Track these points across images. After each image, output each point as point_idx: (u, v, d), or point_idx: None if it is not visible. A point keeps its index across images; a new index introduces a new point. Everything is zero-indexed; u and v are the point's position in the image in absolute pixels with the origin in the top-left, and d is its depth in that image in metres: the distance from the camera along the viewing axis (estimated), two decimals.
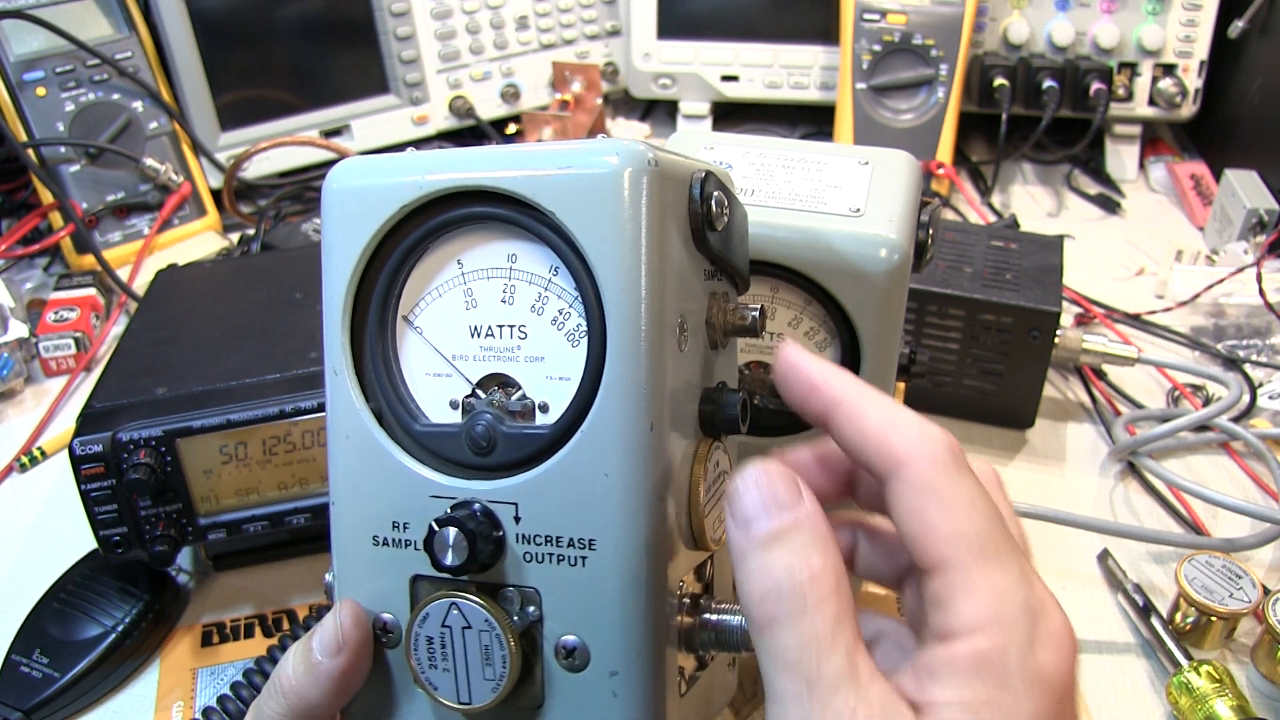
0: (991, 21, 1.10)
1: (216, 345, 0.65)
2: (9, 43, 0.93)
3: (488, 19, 1.16)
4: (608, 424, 0.34)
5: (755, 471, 0.32)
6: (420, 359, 0.38)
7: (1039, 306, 0.72)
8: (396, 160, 0.38)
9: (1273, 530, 0.63)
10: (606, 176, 0.34)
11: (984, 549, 0.30)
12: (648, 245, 0.34)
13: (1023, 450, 0.77)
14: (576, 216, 0.34)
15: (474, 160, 0.36)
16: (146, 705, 0.60)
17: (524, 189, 0.35)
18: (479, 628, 0.36)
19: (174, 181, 0.98)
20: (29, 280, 0.98)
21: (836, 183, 0.51)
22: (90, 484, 0.57)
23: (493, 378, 0.37)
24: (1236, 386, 0.71)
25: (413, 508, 0.37)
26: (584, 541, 0.35)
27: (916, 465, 0.31)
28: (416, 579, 0.37)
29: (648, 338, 0.34)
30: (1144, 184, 1.12)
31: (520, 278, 0.36)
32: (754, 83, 1.17)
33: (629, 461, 0.34)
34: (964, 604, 0.29)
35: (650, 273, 0.34)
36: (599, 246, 0.34)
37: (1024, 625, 0.29)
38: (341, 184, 0.38)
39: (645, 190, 0.34)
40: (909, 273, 0.49)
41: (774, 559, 0.30)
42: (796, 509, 0.31)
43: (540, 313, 0.36)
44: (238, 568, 0.68)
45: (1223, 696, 0.55)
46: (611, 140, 0.35)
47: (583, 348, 0.35)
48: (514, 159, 0.36)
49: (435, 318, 0.37)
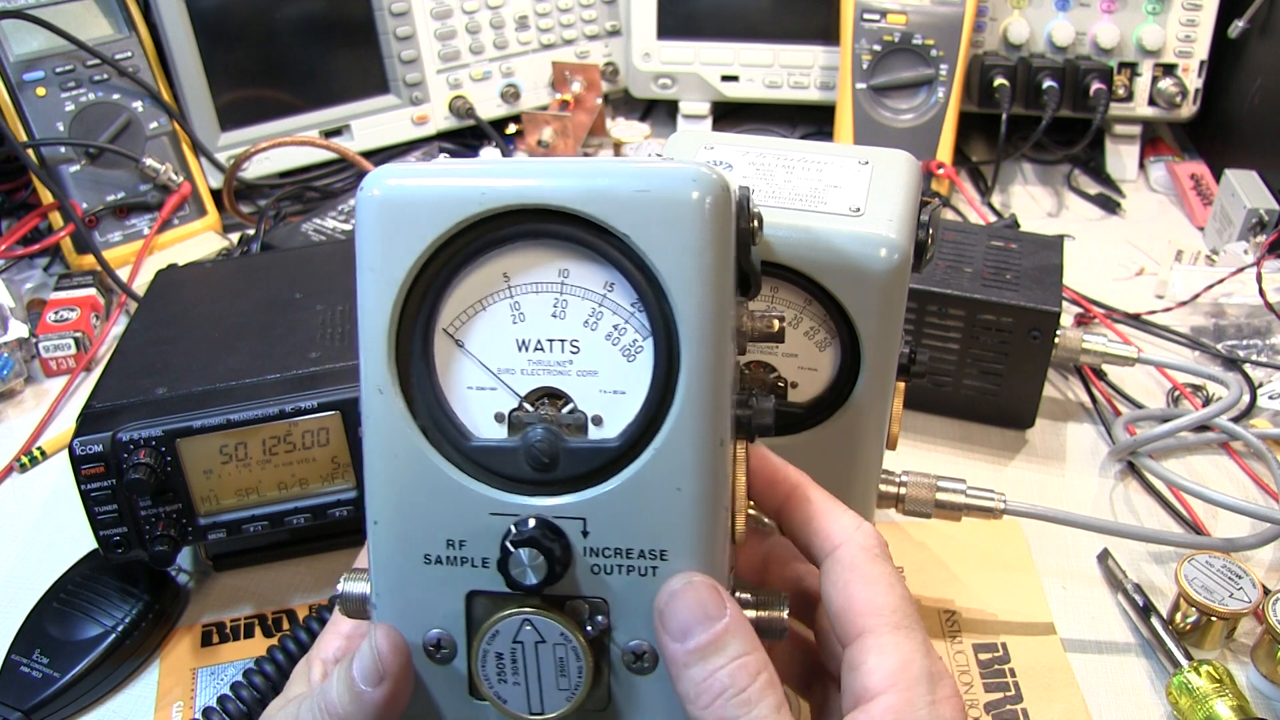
0: (991, 21, 1.10)
1: (216, 345, 0.65)
2: (9, 43, 0.93)
3: (488, 19, 1.15)
4: (683, 440, 0.35)
5: (681, 587, 0.35)
6: (462, 373, 0.36)
7: (1039, 306, 0.72)
8: (446, 169, 0.36)
9: (1273, 530, 0.63)
10: (686, 203, 0.34)
11: (897, 622, 0.35)
12: (720, 268, 0.35)
13: (1023, 450, 0.77)
14: (652, 240, 0.34)
15: (535, 173, 0.35)
16: (146, 705, 0.60)
17: (598, 211, 0.34)
18: (554, 641, 0.36)
19: (174, 181, 0.98)
20: (29, 280, 0.98)
21: (836, 183, 0.51)
22: (90, 484, 0.57)
23: (540, 390, 0.36)
24: (1236, 386, 0.71)
25: (470, 526, 0.36)
26: (655, 553, 0.36)
27: (848, 549, 0.37)
28: (473, 595, 0.37)
29: (719, 356, 0.35)
30: (1144, 184, 1.12)
31: (573, 293, 0.36)
32: (754, 83, 1.17)
33: (702, 476, 0.35)
34: (877, 664, 0.34)
35: (722, 293, 0.35)
36: (675, 270, 0.34)
37: (926, 685, 0.34)
38: (386, 192, 0.35)
39: (720, 215, 0.34)
40: (909, 273, 0.49)
41: (715, 665, 0.34)
42: (724, 615, 0.34)
43: (594, 328, 0.36)
44: (238, 568, 0.68)
45: (1223, 696, 0.55)
46: (682, 164, 0.35)
47: (639, 362, 0.35)
48: (580, 175, 0.35)
49: (479, 331, 0.36)
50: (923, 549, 0.68)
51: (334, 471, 0.61)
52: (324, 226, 0.98)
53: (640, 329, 0.35)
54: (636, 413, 0.35)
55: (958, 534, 0.68)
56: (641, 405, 0.35)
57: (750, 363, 0.52)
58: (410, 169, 0.36)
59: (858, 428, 0.52)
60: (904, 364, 0.54)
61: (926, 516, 0.61)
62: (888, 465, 0.58)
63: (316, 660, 0.42)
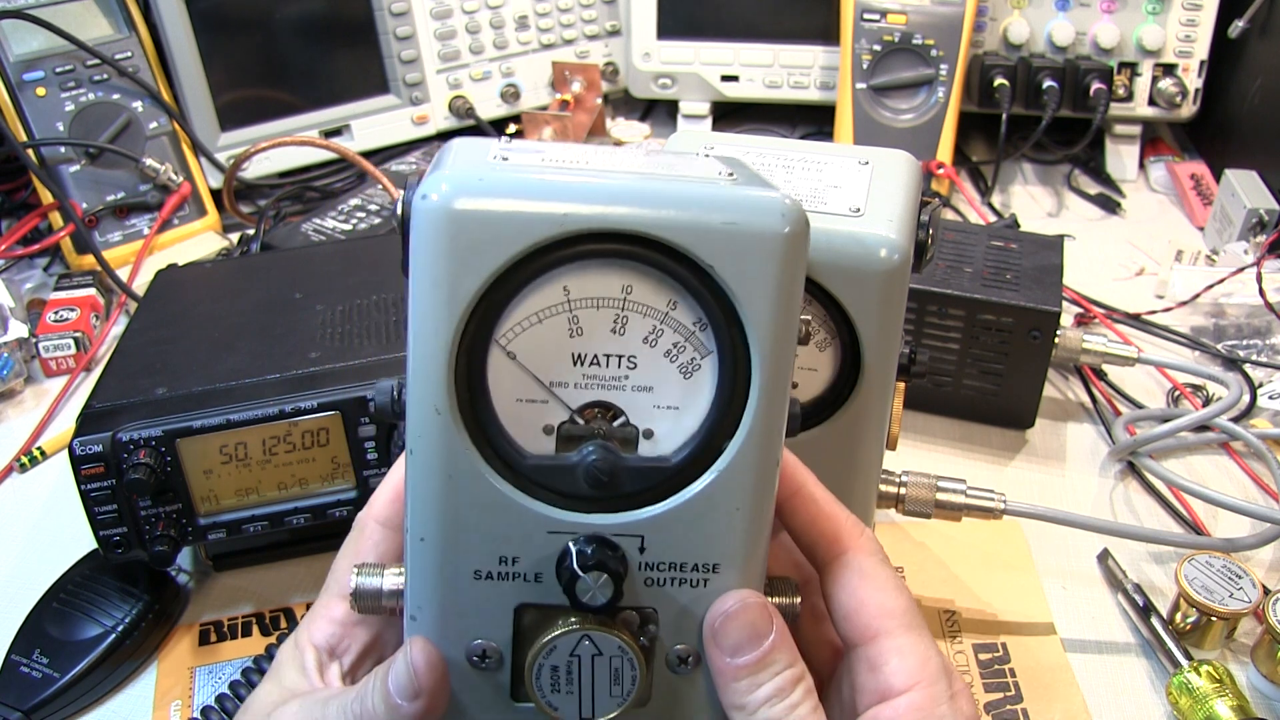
0: (991, 21, 1.10)
1: (216, 345, 0.65)
2: (9, 43, 0.93)
3: (488, 19, 1.15)
4: (747, 464, 0.35)
5: (734, 608, 0.37)
6: (512, 384, 0.35)
7: (1039, 306, 0.72)
8: (513, 178, 0.33)
9: (1273, 530, 0.63)
10: (776, 237, 0.33)
11: (909, 623, 0.37)
12: (796, 297, 0.35)
13: (1023, 450, 0.77)
14: (737, 272, 0.33)
15: (616, 195, 0.33)
16: (145, 704, 0.60)
17: (684, 241, 0.33)
18: (610, 654, 0.37)
19: (174, 181, 0.98)
20: (29, 280, 0.98)
21: (837, 183, 0.51)
22: (90, 484, 0.57)
23: (592, 404, 0.36)
24: (1236, 386, 0.71)
25: (526, 543, 0.36)
26: (708, 566, 0.36)
27: (855, 553, 0.39)
28: (522, 608, 0.37)
29: (786, 380, 0.35)
30: (1144, 184, 1.12)
31: (635, 309, 0.35)
32: (754, 83, 1.17)
33: (761, 496, 0.36)
34: (898, 665, 0.36)
35: (794, 320, 0.35)
36: (756, 302, 0.34)
37: (945, 681, 0.36)
38: (450, 205, 0.32)
39: (803, 247, 0.34)
40: (909, 273, 0.49)
41: (765, 677, 0.36)
42: (771, 634, 0.36)
43: (654, 345, 0.35)
44: (237, 568, 0.68)
45: (1223, 696, 0.55)
46: (764, 193, 0.34)
47: (696, 380, 0.35)
48: (663, 199, 0.33)
49: (533, 343, 0.35)
50: (923, 549, 0.68)
51: (334, 471, 0.61)
52: (324, 226, 0.98)
53: (700, 348, 0.35)
54: (696, 432, 0.35)
55: (958, 534, 0.68)
56: (703, 425, 0.35)
57: None
58: (474, 174, 0.33)
59: (858, 428, 0.52)
60: (904, 364, 0.54)
61: (926, 516, 0.61)
62: (888, 465, 0.58)
63: (308, 647, 0.41)
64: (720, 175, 0.35)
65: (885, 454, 0.56)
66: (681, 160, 0.37)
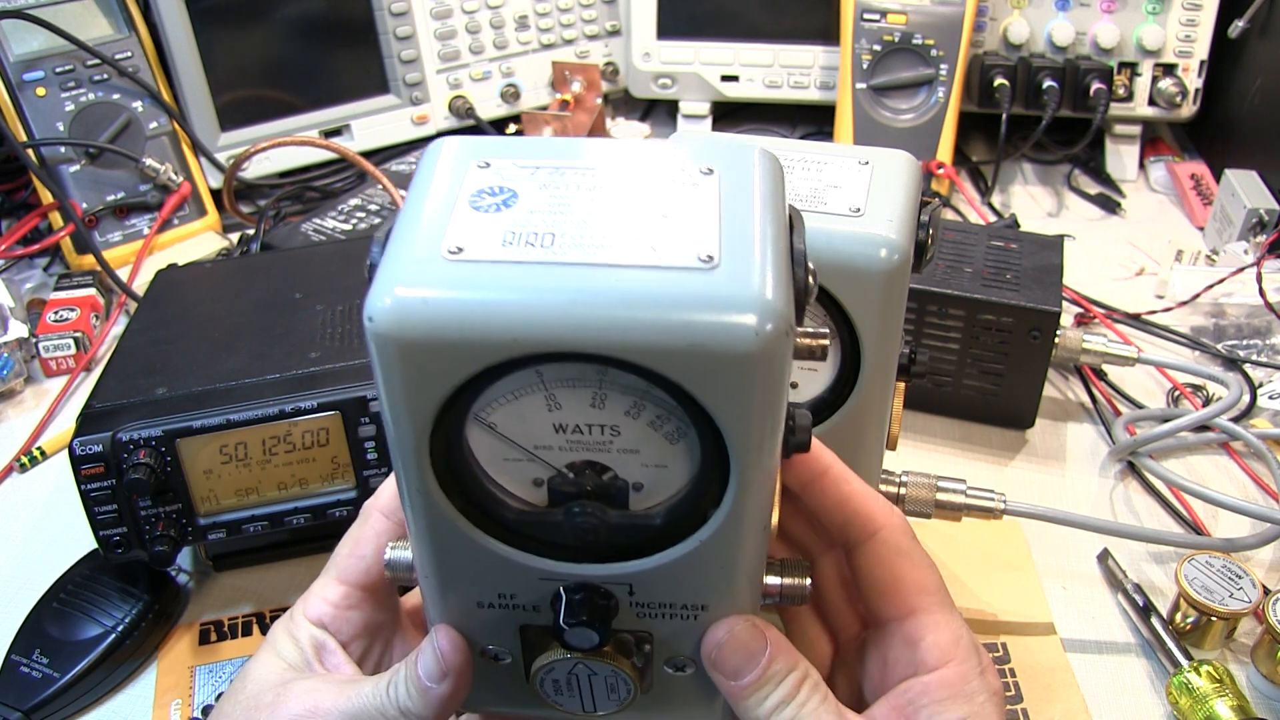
0: (991, 21, 1.10)
1: (216, 345, 0.65)
2: (9, 43, 0.93)
3: (488, 19, 1.15)
4: (732, 531, 0.35)
5: (725, 639, 0.37)
6: (497, 448, 0.35)
7: (1039, 306, 0.72)
8: (458, 300, 0.31)
9: (1273, 530, 0.63)
10: (746, 357, 0.30)
11: (943, 600, 0.39)
12: (780, 397, 0.32)
13: (1023, 450, 0.77)
14: (707, 387, 0.31)
15: (571, 305, 0.30)
16: (145, 704, 0.60)
17: (649, 363, 0.30)
18: (605, 675, 0.38)
19: (174, 181, 0.98)
20: (29, 280, 0.98)
21: (836, 183, 0.51)
22: (90, 484, 0.57)
23: (580, 462, 0.35)
24: (1236, 386, 0.71)
25: (520, 585, 0.37)
26: (698, 605, 0.37)
27: (890, 531, 0.40)
28: (526, 627, 0.39)
29: (772, 467, 0.34)
30: (1144, 184, 1.12)
31: (613, 389, 0.33)
32: (754, 83, 1.17)
33: (749, 553, 0.36)
34: (934, 640, 0.38)
35: (779, 415, 0.33)
36: (730, 411, 0.31)
37: (976, 656, 0.38)
38: (400, 329, 0.30)
39: (783, 347, 0.31)
40: (909, 273, 0.49)
41: (767, 691, 0.37)
42: (766, 648, 0.37)
43: (635, 417, 0.34)
44: (238, 568, 0.68)
45: (1223, 696, 0.55)
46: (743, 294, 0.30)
47: (683, 446, 0.34)
48: (623, 315, 0.30)
49: (512, 416, 0.34)
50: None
51: (334, 471, 0.61)
52: (324, 226, 0.98)
53: (683, 419, 0.33)
54: (680, 497, 0.35)
55: (958, 534, 0.68)
56: (685, 493, 0.35)
57: None
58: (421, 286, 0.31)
59: (858, 428, 0.52)
60: (904, 364, 0.54)
61: (926, 516, 0.61)
62: (888, 465, 0.58)
63: (304, 622, 0.42)
64: (700, 259, 0.31)
65: (885, 454, 0.56)
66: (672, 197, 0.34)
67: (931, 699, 0.37)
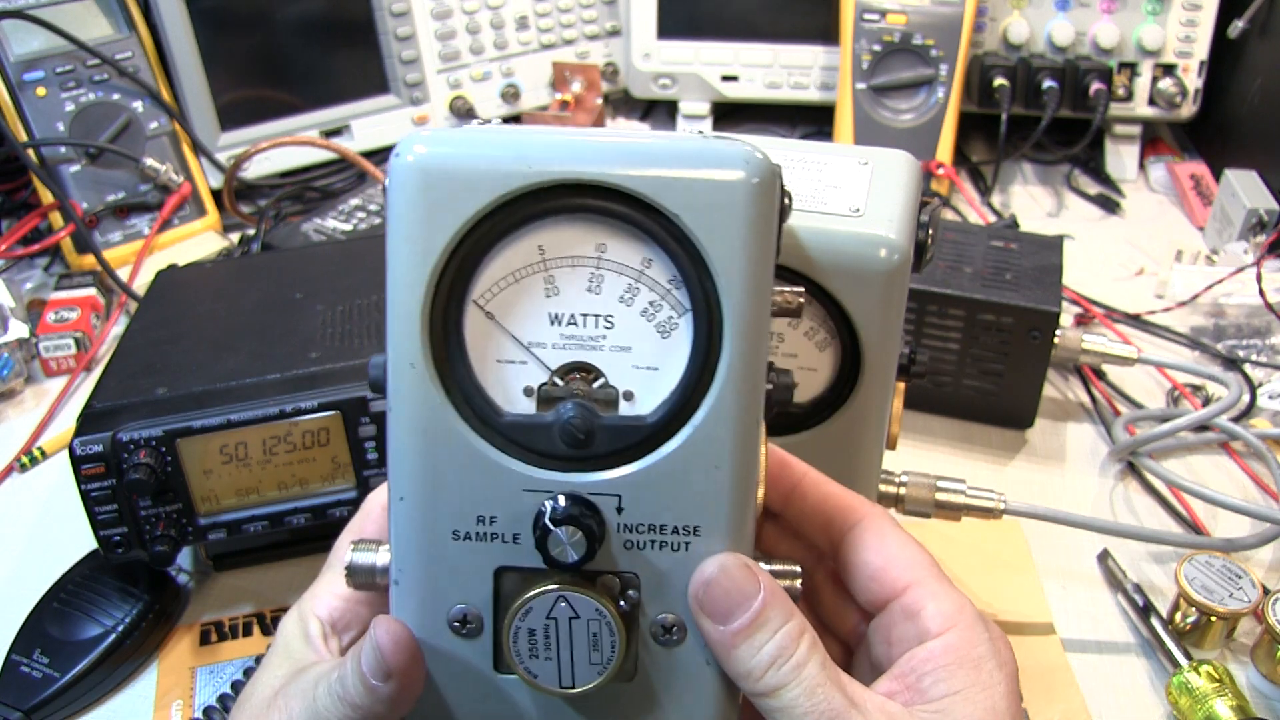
0: (991, 21, 1.10)
1: (216, 345, 0.65)
2: (9, 43, 0.93)
3: (488, 19, 1.15)
4: (723, 419, 0.35)
5: (715, 573, 0.35)
6: (491, 345, 0.36)
7: (1039, 306, 0.72)
8: (486, 137, 0.35)
9: (1273, 530, 0.63)
10: (740, 185, 0.34)
11: (938, 574, 0.38)
12: (766, 247, 0.35)
13: (1023, 450, 0.77)
14: (702, 221, 0.34)
15: (582, 150, 0.34)
16: (146, 704, 0.60)
17: (649, 190, 0.34)
18: (588, 617, 0.36)
19: (174, 181, 0.98)
20: (29, 280, 0.98)
21: (836, 183, 0.51)
22: (90, 484, 0.57)
23: (571, 365, 0.36)
24: (1236, 386, 0.71)
25: (502, 502, 0.36)
26: (689, 529, 0.36)
27: (874, 517, 0.39)
28: (501, 571, 0.37)
29: (762, 335, 0.35)
30: (1144, 184, 1.12)
31: (610, 268, 0.35)
32: (754, 83, 1.17)
33: (741, 453, 0.36)
34: (935, 609, 0.36)
35: (766, 272, 0.35)
36: (723, 252, 0.34)
37: (982, 624, 0.37)
38: (425, 160, 0.34)
39: (769, 195, 0.34)
40: (909, 273, 0.49)
41: (760, 640, 0.35)
42: (759, 592, 0.35)
43: (629, 304, 0.35)
44: (238, 568, 0.68)
45: (1223, 696, 0.55)
46: (730, 144, 0.34)
47: (674, 339, 0.35)
48: (629, 152, 0.34)
49: (510, 303, 0.36)
50: None
51: (334, 471, 0.61)
52: (324, 226, 0.98)
53: (676, 306, 0.35)
54: (673, 390, 0.35)
55: (958, 534, 0.68)
56: (679, 382, 0.35)
57: None
58: (449, 135, 0.35)
59: (858, 428, 0.52)
60: (904, 364, 0.54)
61: (926, 516, 0.61)
62: (888, 465, 0.58)
63: (312, 618, 0.41)
64: (691, 133, 0.35)
65: (885, 454, 0.56)
66: (660, 131, 0.39)
67: (936, 664, 0.35)
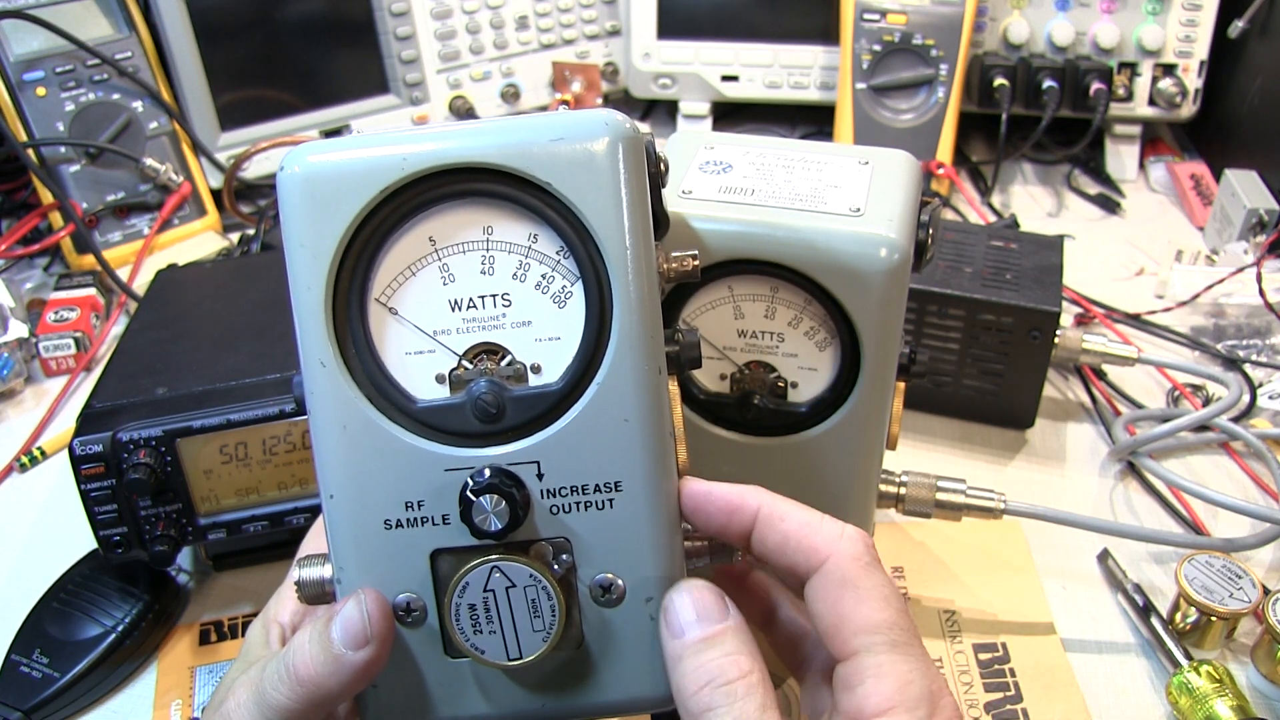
0: (991, 21, 1.10)
1: (216, 345, 0.65)
2: (9, 43, 0.93)
3: (488, 19, 1.16)
4: (623, 372, 0.36)
5: (688, 589, 0.36)
6: (397, 340, 0.38)
7: (1039, 306, 0.72)
8: (363, 140, 0.37)
9: (1273, 530, 0.63)
10: (602, 146, 0.36)
11: (894, 640, 0.34)
12: (639, 205, 0.37)
13: (1023, 450, 0.77)
14: (574, 185, 0.36)
15: (452, 135, 0.37)
16: (145, 704, 0.60)
17: (518, 163, 0.36)
18: (524, 584, 0.37)
19: (174, 181, 0.98)
20: (29, 280, 0.98)
21: (836, 183, 0.51)
22: (90, 484, 0.57)
23: (477, 347, 0.38)
24: (1236, 386, 0.71)
25: (427, 485, 0.37)
26: (610, 485, 0.37)
27: (836, 561, 0.36)
28: (436, 554, 0.38)
29: (648, 289, 0.37)
30: (1144, 184, 1.12)
31: (499, 248, 0.37)
32: (754, 83, 1.17)
33: (646, 403, 0.37)
34: (873, 688, 0.33)
35: (644, 228, 0.37)
36: (598, 211, 0.36)
37: (925, 708, 0.33)
38: (308, 169, 0.37)
39: (634, 155, 0.37)
40: (909, 273, 0.49)
41: (708, 658, 0.34)
42: (725, 620, 0.35)
43: (523, 280, 0.37)
44: (238, 568, 0.68)
45: (1223, 696, 0.55)
46: (592, 111, 0.37)
47: (571, 308, 0.37)
48: (496, 131, 0.37)
49: (411, 296, 0.38)
50: (923, 549, 0.68)
51: None
52: None
53: (567, 275, 0.37)
54: (574, 354, 0.37)
55: (958, 534, 0.68)
56: (579, 346, 0.37)
57: (750, 363, 0.52)
58: (329, 143, 0.37)
59: (858, 428, 0.52)
60: (904, 364, 0.54)
61: (926, 516, 0.61)
62: (888, 465, 0.58)
63: (274, 623, 0.42)
64: (563, 110, 0.38)
65: (885, 454, 0.56)
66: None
67: None
